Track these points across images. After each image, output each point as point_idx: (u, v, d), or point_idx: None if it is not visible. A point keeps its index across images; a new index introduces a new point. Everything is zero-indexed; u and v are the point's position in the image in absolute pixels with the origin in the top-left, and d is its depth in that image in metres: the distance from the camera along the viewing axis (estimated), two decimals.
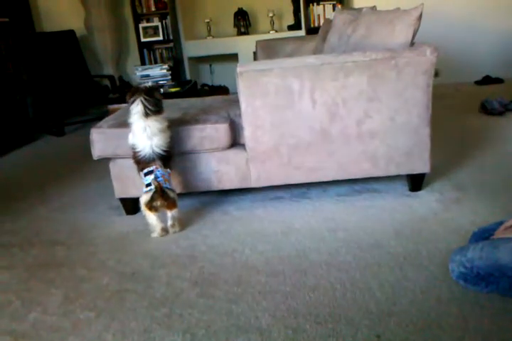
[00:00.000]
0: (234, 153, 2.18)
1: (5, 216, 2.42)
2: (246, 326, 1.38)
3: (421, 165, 2.16)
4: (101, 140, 2.15)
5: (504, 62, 4.93)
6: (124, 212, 2.31)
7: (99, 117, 3.42)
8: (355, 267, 1.64)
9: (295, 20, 5.31)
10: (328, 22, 3.19)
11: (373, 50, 2.06)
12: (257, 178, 2.19)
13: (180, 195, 2.36)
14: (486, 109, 3.60)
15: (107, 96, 4.58)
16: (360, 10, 2.63)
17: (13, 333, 1.45)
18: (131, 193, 2.24)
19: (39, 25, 5.27)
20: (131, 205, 2.31)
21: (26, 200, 2.62)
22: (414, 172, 2.20)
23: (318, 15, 5.10)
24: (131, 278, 1.72)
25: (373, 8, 2.71)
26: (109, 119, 2.29)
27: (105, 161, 2.24)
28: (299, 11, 5.14)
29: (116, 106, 3.80)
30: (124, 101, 3.53)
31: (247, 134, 2.12)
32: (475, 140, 2.99)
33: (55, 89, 4.41)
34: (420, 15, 2.10)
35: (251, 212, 2.21)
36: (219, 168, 2.19)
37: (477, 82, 4.94)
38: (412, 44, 2.14)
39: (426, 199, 2.16)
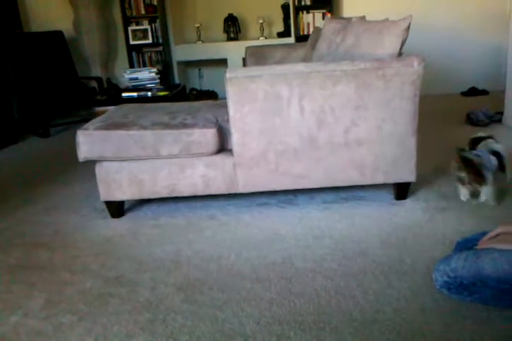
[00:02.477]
0: (221, 159, 2.18)
1: None
2: (230, 332, 1.38)
3: (407, 174, 2.19)
4: (87, 142, 2.13)
5: (489, 74, 5.03)
6: (109, 215, 2.29)
7: (86, 119, 3.39)
8: (340, 275, 1.65)
9: (285, 27, 5.35)
10: (318, 30, 3.22)
11: (361, 59, 2.09)
12: (244, 184, 2.19)
13: (165, 199, 2.35)
14: (471, 120, 3.66)
15: (94, 98, 4.54)
16: (349, 19, 2.66)
17: None
18: (116, 196, 2.22)
19: (27, 25, 5.22)
20: (116, 208, 2.29)
21: (9, 201, 2.59)
22: (400, 181, 2.23)
23: (308, 24, 5.14)
24: (114, 282, 1.70)
25: (362, 18, 2.74)
26: (95, 121, 2.27)
27: (91, 164, 2.22)
28: (289, 19, 5.18)
29: (103, 108, 3.77)
30: (111, 104, 3.51)
31: (235, 140, 2.13)
32: None
33: (41, 90, 4.36)
34: (408, 27, 2.14)
35: (237, 218, 2.21)
36: (206, 173, 2.19)
37: (463, 93, 5.02)
38: (399, 54, 2.18)
39: (411, 208, 2.18)
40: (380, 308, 1.44)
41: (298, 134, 2.11)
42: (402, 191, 2.28)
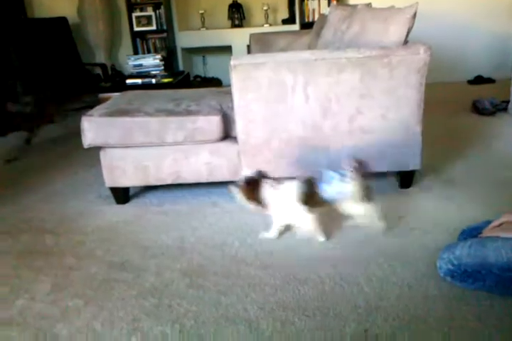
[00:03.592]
0: (225, 146, 2.18)
1: None
2: (235, 317, 1.39)
3: (412, 162, 2.18)
4: (92, 128, 2.13)
5: (496, 63, 4.98)
6: (114, 201, 2.30)
7: (90, 106, 3.38)
8: (344, 262, 1.66)
9: (289, 14, 5.29)
10: (323, 17, 3.19)
11: (367, 47, 2.07)
12: (247, 171, 2.19)
13: (170, 186, 2.36)
14: (477, 109, 3.64)
15: (98, 85, 4.53)
16: (355, 6, 2.63)
17: (0, 320, 1.44)
18: (121, 183, 2.23)
19: (31, 11, 5.19)
20: (121, 195, 2.30)
21: (14, 188, 2.60)
22: (405, 170, 2.23)
23: (313, 10, 5.08)
24: (120, 267, 1.72)
25: (368, 5, 2.71)
26: (100, 108, 2.27)
27: (96, 149, 2.23)
28: (294, 5, 5.13)
29: (107, 94, 3.76)
30: (115, 90, 3.49)
31: (239, 127, 2.12)
32: (466, 139, 3.02)
33: (45, 76, 4.35)
34: (415, 14, 2.11)
35: (241, 205, 2.21)
36: (210, 160, 2.19)
37: (470, 82, 4.98)
38: (405, 42, 2.16)
39: (416, 197, 2.19)
40: (383, 295, 1.46)
41: (302, 122, 2.10)
42: (406, 179, 2.28)
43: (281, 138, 2.13)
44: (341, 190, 1.73)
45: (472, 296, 1.41)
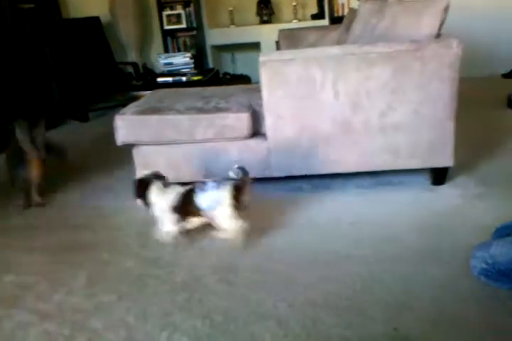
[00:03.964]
0: (255, 143, 2.19)
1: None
2: (264, 314, 1.40)
3: (444, 158, 2.14)
4: (125, 126, 2.18)
5: None
6: None
7: (123, 104, 3.45)
8: (374, 260, 1.65)
9: (319, 9, 5.25)
10: (353, 12, 3.15)
11: (398, 41, 2.04)
12: (277, 168, 2.20)
13: None
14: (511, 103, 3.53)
15: (130, 83, 4.61)
16: (385, 0, 2.59)
17: (39, 313, 1.50)
18: None
19: (65, 12, 5.31)
20: None
21: (50, 185, 2.67)
22: (437, 166, 2.19)
23: (343, 5, 5.03)
24: (153, 263, 1.75)
25: None
26: (132, 106, 2.32)
27: (128, 147, 2.27)
28: (323, 0, 5.08)
29: (139, 93, 3.83)
30: (147, 88, 3.54)
31: (269, 124, 2.13)
32: (501, 135, 2.94)
33: (80, 75, 4.46)
34: (447, 7, 2.06)
35: (270, 202, 2.22)
36: (240, 157, 2.20)
37: (504, 75, 4.83)
38: (438, 36, 2.11)
39: (448, 194, 2.14)
40: (414, 295, 1.44)
41: (332, 118, 2.09)
42: (439, 176, 2.24)
43: (310, 134, 2.12)
44: (216, 198, 1.71)
45: (507, 296, 1.38)
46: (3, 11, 3.99)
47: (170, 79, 4.12)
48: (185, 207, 1.77)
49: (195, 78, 4.13)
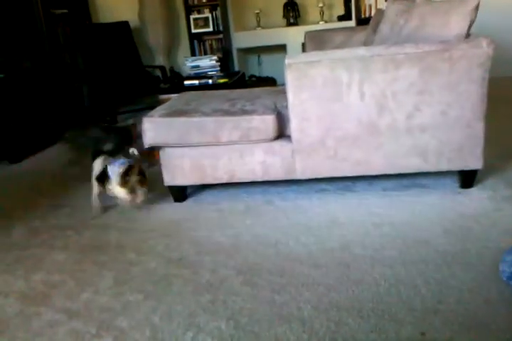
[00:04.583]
0: (280, 145, 2.19)
1: (60, 200, 2.55)
2: (288, 316, 1.40)
3: (473, 161, 2.09)
4: (152, 129, 2.21)
5: None
6: (172, 199, 2.37)
7: (151, 107, 3.51)
8: (400, 263, 1.62)
9: (345, 10, 5.22)
10: (380, 12, 3.12)
11: (426, 41, 2.01)
12: (302, 170, 2.20)
13: (225, 184, 2.40)
14: None
15: (158, 86, 4.68)
16: (413, 0, 2.56)
17: (67, 311, 1.53)
18: (179, 181, 2.30)
19: (95, 17, 5.44)
20: (179, 193, 2.37)
21: (83, 185, 2.73)
22: (466, 169, 2.14)
23: (370, 6, 4.99)
24: (177, 263, 1.77)
25: None
26: (160, 109, 2.35)
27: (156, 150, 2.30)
28: (350, 1, 5.05)
29: (166, 96, 3.87)
30: (174, 91, 3.59)
31: (294, 126, 2.13)
32: None
33: (109, 79, 4.55)
34: (477, 6, 2.02)
35: (295, 204, 2.22)
36: (265, 159, 2.21)
37: None
38: (467, 36, 2.07)
39: (477, 197, 2.10)
40: (442, 298, 1.41)
41: (357, 120, 2.07)
42: (468, 179, 2.19)
43: (336, 136, 2.11)
44: (112, 173, 2.15)
45: None
46: (36, 16, 4.12)
47: (196, 82, 4.16)
48: (104, 177, 2.21)
49: (222, 81, 4.15)
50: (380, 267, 1.61)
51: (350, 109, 2.06)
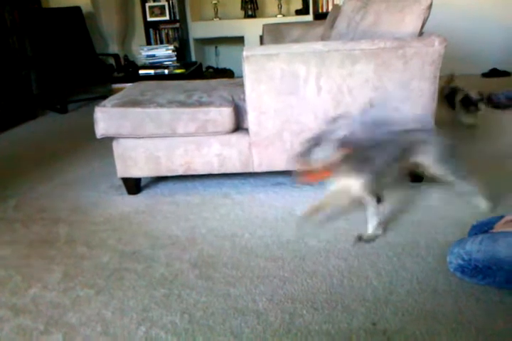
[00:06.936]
0: (237, 138, 2.18)
1: (7, 192, 2.43)
2: (243, 309, 1.40)
3: None
4: (105, 119, 2.14)
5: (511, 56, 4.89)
6: (125, 191, 2.32)
7: (103, 96, 3.41)
8: (353, 255, 1.66)
9: (303, 4, 5.24)
10: (337, 8, 3.15)
11: (381, 38, 2.04)
12: (259, 163, 2.20)
13: (181, 177, 2.37)
14: (492, 102, 3.58)
15: (111, 75, 4.55)
16: None
17: (13, 308, 1.47)
18: (133, 173, 2.25)
19: (46, 1, 5.20)
20: (133, 185, 2.32)
21: (29, 177, 2.63)
22: None
23: (327, 1, 5.03)
24: (131, 257, 1.73)
25: None
26: (113, 98, 2.28)
27: (108, 140, 2.24)
28: None
29: (120, 85, 3.77)
30: (128, 81, 3.50)
31: (251, 119, 2.12)
32: (479, 132, 2.98)
33: (59, 66, 4.38)
34: (430, 5, 2.08)
35: (252, 197, 2.22)
36: (221, 152, 2.19)
37: (484, 75, 4.90)
38: (420, 34, 2.12)
39: (423, 191, 2.17)
40: (392, 289, 1.45)
41: (314, 114, 2.09)
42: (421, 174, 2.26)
43: (292, 129, 2.12)
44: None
45: (482, 292, 1.40)
46: None
47: (152, 71, 4.06)
48: None
49: (178, 71, 4.08)
50: (334, 259, 1.64)
51: (306, 102, 2.07)
